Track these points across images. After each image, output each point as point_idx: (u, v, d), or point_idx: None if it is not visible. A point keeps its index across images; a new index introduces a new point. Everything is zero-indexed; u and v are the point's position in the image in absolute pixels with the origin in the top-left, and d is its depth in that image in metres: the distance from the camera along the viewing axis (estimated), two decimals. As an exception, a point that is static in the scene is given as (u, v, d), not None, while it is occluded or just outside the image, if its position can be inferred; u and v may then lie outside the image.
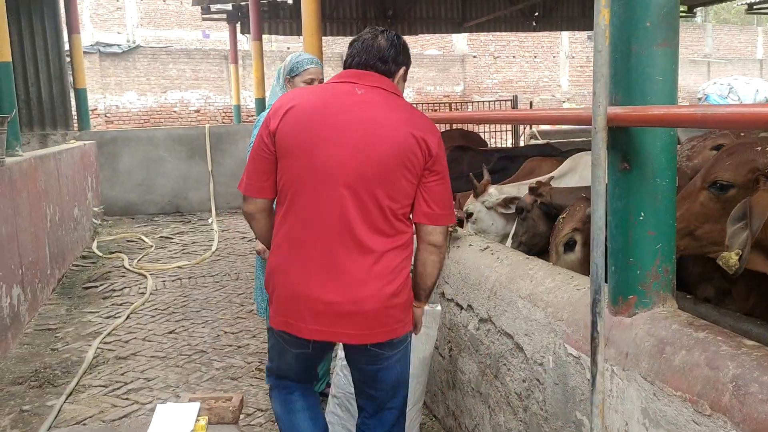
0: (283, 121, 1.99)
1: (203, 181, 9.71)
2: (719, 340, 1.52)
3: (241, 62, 14.64)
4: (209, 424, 2.31)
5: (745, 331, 2.04)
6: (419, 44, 22.21)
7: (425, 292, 2.18)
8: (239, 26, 11.77)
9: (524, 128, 13.21)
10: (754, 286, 2.30)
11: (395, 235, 1.99)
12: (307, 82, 2.99)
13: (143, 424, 2.37)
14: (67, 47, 9.41)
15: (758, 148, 2.11)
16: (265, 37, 12.68)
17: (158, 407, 2.38)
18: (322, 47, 4.84)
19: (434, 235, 2.05)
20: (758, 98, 19.52)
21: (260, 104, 10.07)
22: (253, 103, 12.38)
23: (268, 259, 2.10)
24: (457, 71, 21.28)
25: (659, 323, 1.67)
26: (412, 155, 1.94)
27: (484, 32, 16.16)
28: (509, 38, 21.95)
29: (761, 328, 2.09)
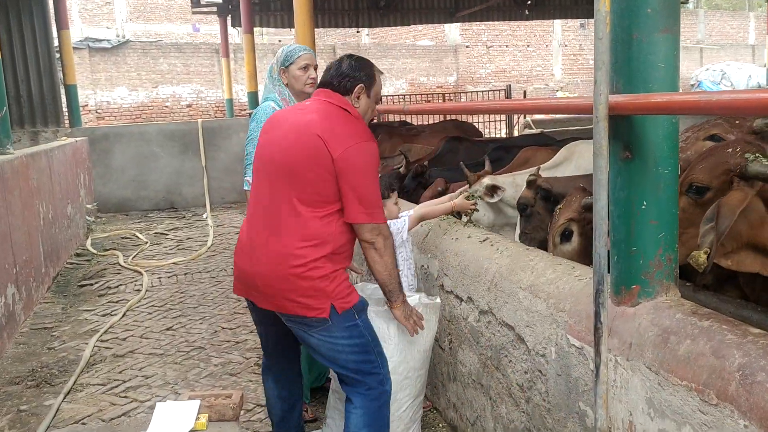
0: (263, 131, 2.47)
1: (197, 176, 9.65)
2: (724, 328, 1.51)
3: (232, 56, 14.56)
4: (210, 421, 2.30)
5: (745, 317, 2.04)
6: (411, 35, 22.15)
7: (386, 292, 2.42)
8: (230, 19, 11.67)
9: (518, 118, 13.18)
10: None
11: (303, 221, 2.25)
12: (302, 68, 3.00)
13: (143, 422, 2.36)
14: (56, 43, 9.32)
15: (729, 150, 2.14)
16: (256, 30, 12.59)
17: (158, 405, 2.37)
18: (314, 39, 4.81)
19: (361, 233, 2.30)
20: (751, 84, 19.57)
21: (253, 98, 10.00)
22: (245, 96, 12.32)
23: None
24: (449, 61, 21.23)
25: (663, 312, 1.66)
26: (316, 152, 2.22)
27: (476, 22, 16.11)
28: (502, 27, 21.90)
29: (762, 314, 2.08)
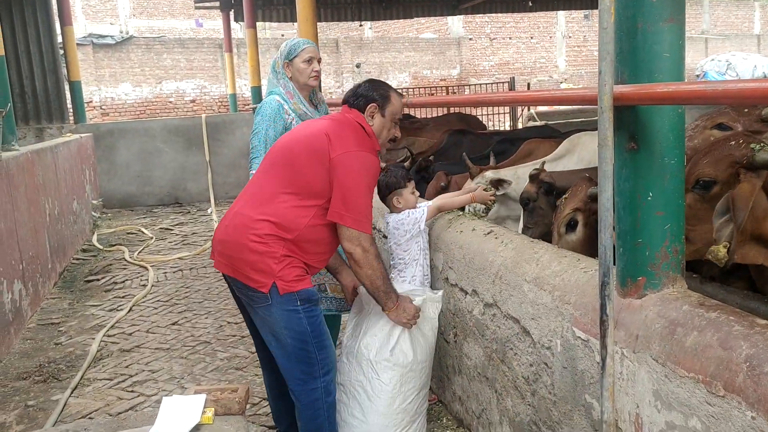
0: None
1: (201, 171, 9.66)
2: (731, 320, 1.50)
3: (235, 50, 14.55)
4: (216, 415, 2.30)
5: (752, 309, 2.03)
6: (414, 28, 22.08)
7: (375, 299, 2.56)
8: (233, 14, 11.64)
9: (522, 110, 13.14)
10: None
11: (280, 203, 2.37)
12: (306, 61, 3.04)
13: (150, 416, 2.36)
14: (60, 40, 9.33)
15: (732, 142, 2.12)
16: (259, 24, 12.57)
17: (164, 400, 2.37)
18: (317, 33, 4.80)
19: (341, 238, 2.41)
20: (756, 74, 19.44)
21: (256, 92, 9.98)
22: (249, 91, 12.31)
23: None
24: (453, 54, 21.14)
25: (670, 304, 1.65)
26: (319, 148, 2.39)
27: (479, 14, 16.03)
28: (505, 19, 21.79)
29: (768, 306, 2.07)
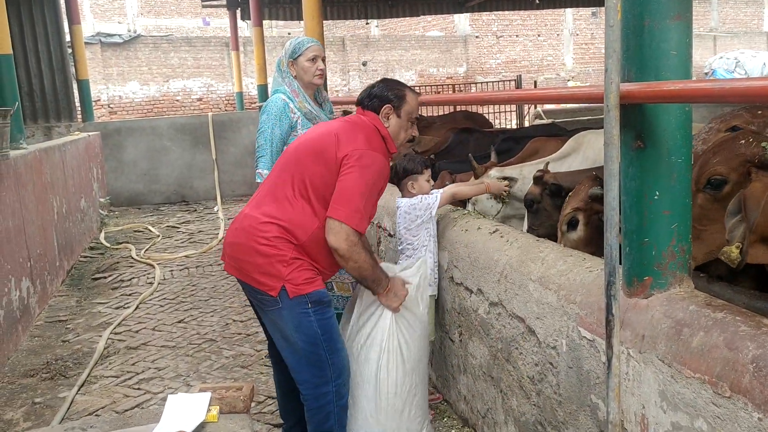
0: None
1: (208, 169, 9.68)
2: (738, 320, 1.49)
3: (242, 49, 14.56)
4: (221, 413, 2.30)
5: (759, 309, 2.01)
6: (421, 26, 22.03)
7: (363, 285, 2.53)
8: (239, 12, 11.68)
9: (528, 108, 13.10)
10: None
11: (289, 206, 2.36)
12: (310, 59, 3.06)
13: (155, 414, 2.37)
14: (68, 38, 9.37)
15: (742, 141, 2.09)
16: (265, 23, 12.58)
17: (170, 397, 2.38)
18: (323, 31, 4.80)
19: (326, 231, 2.33)
20: (765, 71, 19.32)
21: (262, 91, 10.01)
22: (255, 89, 12.32)
23: None
24: (459, 52, 21.09)
25: (676, 304, 1.64)
26: (327, 148, 2.39)
27: (486, 12, 15.99)
28: (512, 17, 21.70)
29: (776, 305, 2.06)
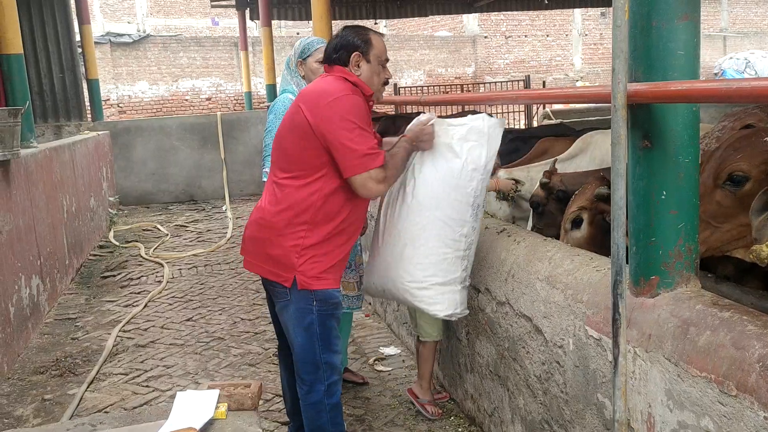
0: None
1: (216, 169, 9.72)
2: (745, 319, 1.49)
3: (251, 49, 14.61)
4: (229, 410, 2.32)
5: (767, 309, 2.01)
6: (429, 26, 22.02)
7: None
8: (248, 12, 11.71)
9: (537, 108, 13.07)
10: None
11: (284, 192, 2.34)
12: (319, 61, 3.07)
13: (164, 410, 2.39)
14: (78, 38, 9.42)
15: (766, 138, 2.07)
16: (274, 22, 12.61)
17: (178, 394, 2.39)
18: (331, 31, 4.81)
19: (355, 188, 2.30)
20: (776, 72, 19.20)
21: (271, 90, 10.03)
22: (264, 89, 12.36)
23: None
24: (468, 52, 21.07)
25: (683, 304, 1.65)
26: (298, 122, 2.31)
27: (495, 12, 15.97)
28: (521, 17, 21.65)
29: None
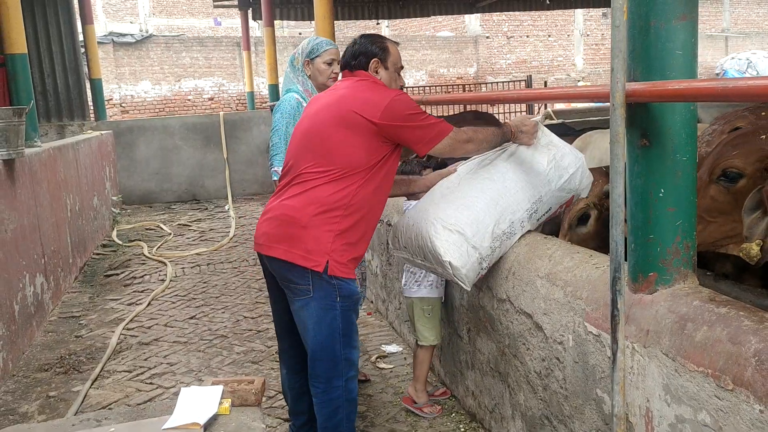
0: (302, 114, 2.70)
1: (219, 168, 9.76)
2: (741, 315, 1.52)
3: (253, 49, 14.63)
4: (232, 406, 2.34)
5: (766, 307, 2.03)
6: (432, 26, 22.04)
7: (498, 145, 2.68)
8: (251, 12, 11.73)
9: (539, 108, 13.09)
10: None
11: (314, 187, 2.38)
12: (327, 62, 3.13)
13: (168, 407, 2.41)
14: (81, 38, 9.46)
15: (763, 136, 2.09)
16: (276, 23, 12.64)
17: (182, 390, 2.42)
18: (334, 31, 4.84)
19: (443, 154, 2.52)
20: (778, 73, 19.19)
21: (273, 90, 10.06)
22: (266, 89, 12.39)
23: None
24: (470, 52, 21.10)
25: (680, 300, 1.67)
26: (351, 122, 2.37)
27: (496, 12, 15.99)
28: (523, 18, 21.67)
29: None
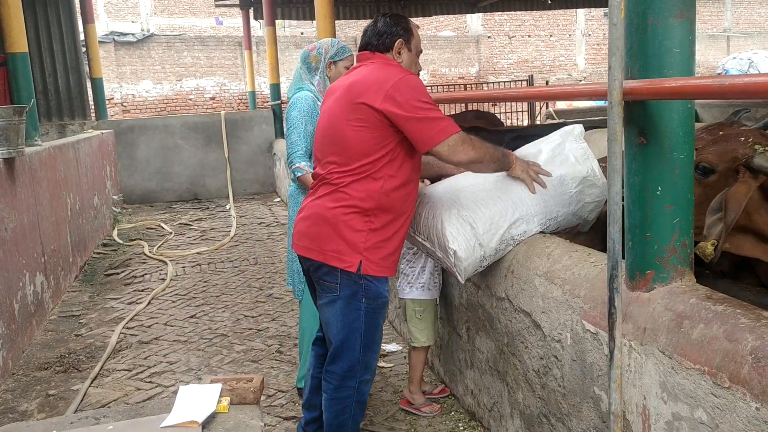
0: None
1: (220, 168, 9.77)
2: (738, 312, 1.51)
3: (255, 48, 14.65)
4: (231, 404, 2.34)
5: (765, 305, 2.03)
6: (433, 26, 22.04)
7: (499, 170, 2.54)
8: (252, 12, 11.74)
9: (540, 108, 13.09)
10: None
11: (344, 184, 2.33)
12: (346, 66, 3.18)
13: (167, 405, 2.42)
14: (82, 37, 9.47)
15: (742, 138, 2.15)
16: (278, 22, 12.64)
17: (181, 388, 2.42)
18: (334, 30, 4.84)
19: (441, 158, 2.33)
20: (780, 73, 19.12)
21: (275, 90, 10.07)
22: (268, 89, 12.40)
23: None
24: (471, 52, 21.09)
25: (677, 297, 1.67)
26: (356, 110, 2.29)
27: (498, 12, 15.98)
28: (524, 17, 21.67)
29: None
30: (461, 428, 2.94)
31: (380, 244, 2.34)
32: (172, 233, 7.40)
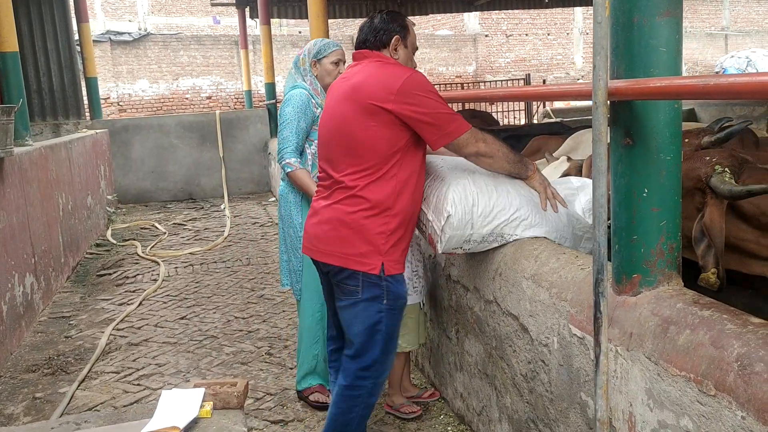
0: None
1: (215, 167, 9.73)
2: (725, 318, 1.48)
3: (251, 47, 14.61)
4: (214, 409, 2.31)
5: (758, 308, 2.00)
6: (430, 24, 21.99)
7: (515, 176, 2.53)
8: (248, 11, 11.70)
9: (537, 107, 13.05)
10: None
11: (357, 188, 2.34)
12: (334, 62, 3.17)
13: (150, 409, 2.38)
14: (76, 36, 9.43)
15: (707, 157, 2.17)
16: (274, 21, 12.60)
17: (163, 393, 2.39)
18: (328, 29, 4.79)
19: (458, 152, 2.38)
20: (778, 71, 19.12)
21: (270, 89, 10.04)
22: (263, 88, 12.36)
23: None
24: (469, 51, 21.05)
25: (664, 302, 1.63)
26: (367, 113, 2.30)
27: (495, 10, 15.93)
28: (522, 16, 21.63)
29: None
30: (450, 432, 2.91)
31: (397, 243, 2.39)
32: (166, 233, 7.36)
